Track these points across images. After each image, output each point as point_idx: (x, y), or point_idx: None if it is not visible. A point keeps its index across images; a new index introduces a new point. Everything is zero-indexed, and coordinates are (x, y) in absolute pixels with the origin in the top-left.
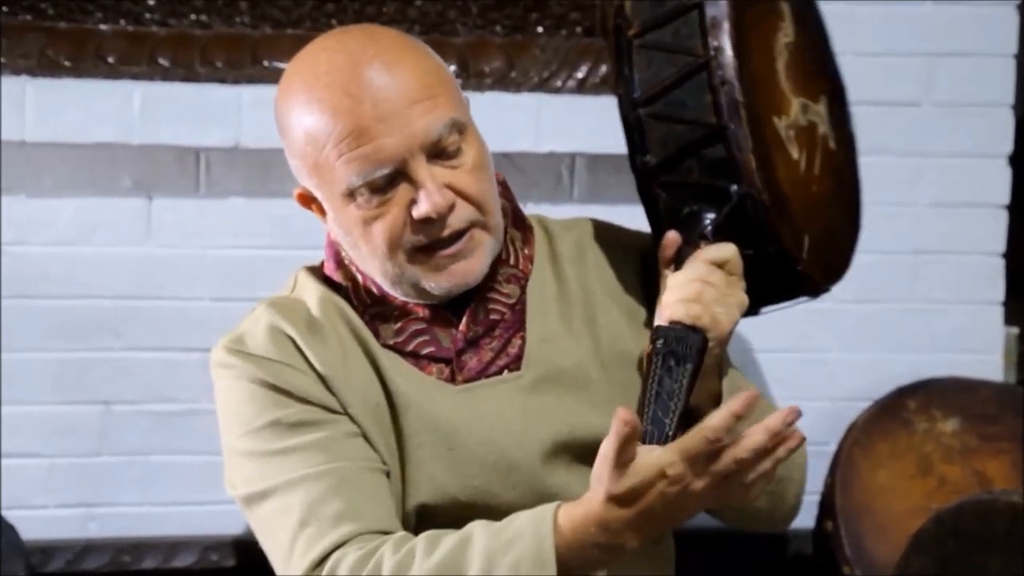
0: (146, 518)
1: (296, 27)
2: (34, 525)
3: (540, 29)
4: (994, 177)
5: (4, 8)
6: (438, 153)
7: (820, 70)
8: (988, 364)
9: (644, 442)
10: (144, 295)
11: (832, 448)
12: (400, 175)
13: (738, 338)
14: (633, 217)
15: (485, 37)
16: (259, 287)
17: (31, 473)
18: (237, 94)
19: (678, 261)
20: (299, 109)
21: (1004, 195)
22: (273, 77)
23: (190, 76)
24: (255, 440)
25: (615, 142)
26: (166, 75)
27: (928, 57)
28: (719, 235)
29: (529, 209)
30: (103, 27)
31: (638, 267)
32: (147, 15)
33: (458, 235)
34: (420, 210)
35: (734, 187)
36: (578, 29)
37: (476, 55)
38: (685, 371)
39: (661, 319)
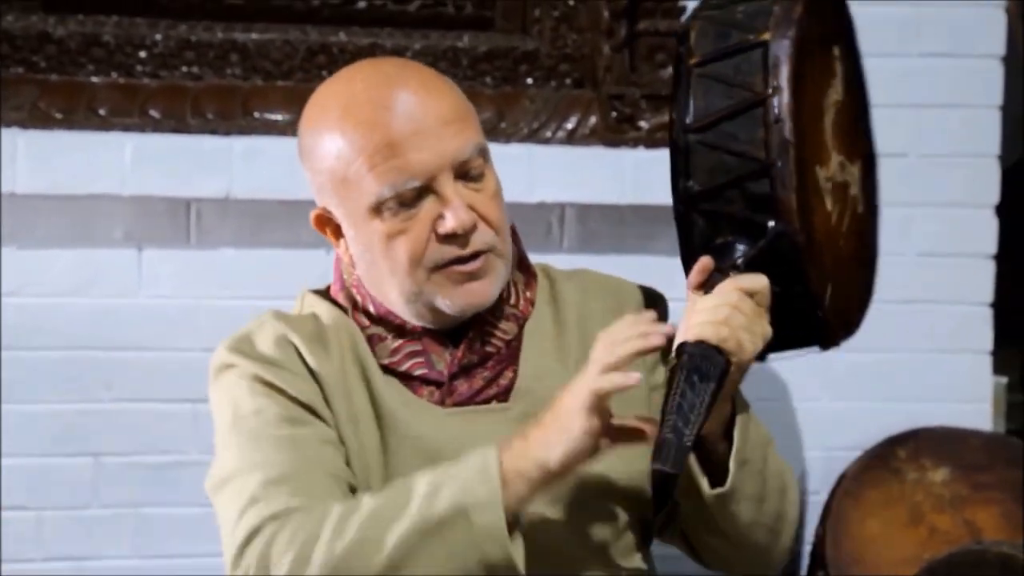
0: (136, 571)
1: (287, 79)
2: None
3: (530, 80)
4: (981, 227)
5: None
6: (464, 174)
7: (859, 136)
8: (978, 413)
9: (661, 451)
10: (135, 346)
11: (823, 498)
12: (428, 191)
13: None
14: (621, 267)
15: (475, 88)
16: None
17: (21, 526)
18: (228, 145)
19: (707, 286)
20: (333, 124)
21: (991, 245)
22: (264, 128)
23: (181, 127)
24: (236, 432)
25: (605, 192)
26: (157, 127)
27: (915, 108)
28: (751, 267)
29: None
30: (95, 79)
31: (631, 311)
32: (138, 67)
33: (477, 255)
34: (447, 225)
35: (772, 223)
36: (567, 80)
37: None
38: (707, 388)
39: (687, 338)
